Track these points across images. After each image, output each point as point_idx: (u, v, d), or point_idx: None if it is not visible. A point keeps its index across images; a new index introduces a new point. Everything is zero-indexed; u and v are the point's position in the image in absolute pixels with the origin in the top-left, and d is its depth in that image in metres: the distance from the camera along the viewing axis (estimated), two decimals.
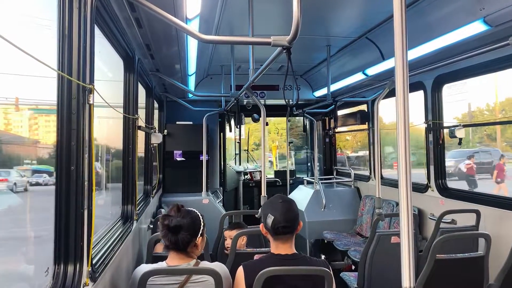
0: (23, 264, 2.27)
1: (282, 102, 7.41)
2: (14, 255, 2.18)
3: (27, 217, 2.45)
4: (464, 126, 4.81)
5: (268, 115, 4.09)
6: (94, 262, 2.23)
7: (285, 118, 8.60)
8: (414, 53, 4.33)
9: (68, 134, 1.95)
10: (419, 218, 5.35)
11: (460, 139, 4.80)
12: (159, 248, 3.61)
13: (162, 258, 2.59)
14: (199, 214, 2.61)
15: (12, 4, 1.94)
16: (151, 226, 4.83)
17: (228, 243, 3.93)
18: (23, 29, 1.98)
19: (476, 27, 3.52)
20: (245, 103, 8.22)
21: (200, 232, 2.54)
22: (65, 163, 1.95)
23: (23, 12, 2.02)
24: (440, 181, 5.26)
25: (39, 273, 2.04)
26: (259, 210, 2.83)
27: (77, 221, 1.96)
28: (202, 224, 2.57)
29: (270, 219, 2.49)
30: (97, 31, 2.39)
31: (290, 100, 7.45)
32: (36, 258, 2.35)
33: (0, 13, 1.76)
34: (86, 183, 2.04)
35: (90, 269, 2.07)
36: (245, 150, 10.52)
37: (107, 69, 3.62)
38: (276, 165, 14.50)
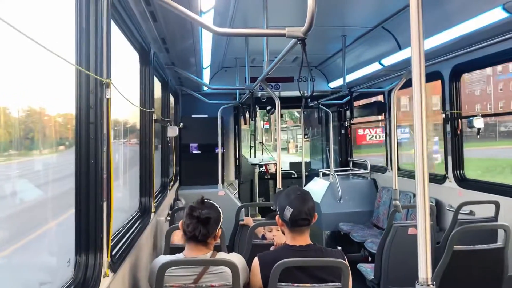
0: None
1: (297, 94, 7.34)
2: None
3: None
4: (483, 116, 4.72)
5: (282, 107, 4.07)
6: (113, 253, 2.27)
7: (300, 110, 8.55)
8: (431, 42, 4.24)
9: (86, 128, 1.99)
10: (436, 209, 5.29)
11: (479, 129, 4.71)
12: (175, 239, 3.61)
13: (180, 249, 2.62)
14: (217, 205, 2.64)
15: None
16: (169, 218, 4.90)
17: (274, 234, 3.66)
18: (41, 25, 2.01)
19: (496, 15, 3.43)
20: (259, 95, 8.20)
21: (220, 223, 2.57)
22: (84, 157, 1.99)
23: (41, 7, 2.05)
24: (458, 172, 5.18)
25: None
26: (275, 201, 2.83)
27: (96, 213, 2.00)
28: (221, 215, 2.60)
29: (288, 211, 2.49)
30: (113, 26, 2.42)
31: (305, 92, 7.39)
32: None
33: (17, 9, 1.79)
34: (104, 176, 2.08)
35: (110, 260, 2.11)
36: (260, 142, 10.52)
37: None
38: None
